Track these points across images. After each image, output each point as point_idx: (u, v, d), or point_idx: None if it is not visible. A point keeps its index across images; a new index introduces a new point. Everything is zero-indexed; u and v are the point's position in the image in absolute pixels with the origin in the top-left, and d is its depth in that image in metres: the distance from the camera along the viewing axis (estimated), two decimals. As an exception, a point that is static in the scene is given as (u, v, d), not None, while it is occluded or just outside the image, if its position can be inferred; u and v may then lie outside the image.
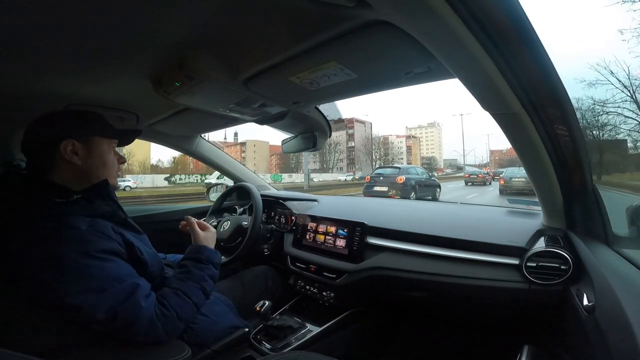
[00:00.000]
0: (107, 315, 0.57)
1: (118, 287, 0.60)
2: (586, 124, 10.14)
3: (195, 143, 1.53)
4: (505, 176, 11.29)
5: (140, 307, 0.61)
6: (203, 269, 0.77)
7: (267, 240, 1.35)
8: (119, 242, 0.64)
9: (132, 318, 0.59)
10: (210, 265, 0.79)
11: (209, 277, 0.77)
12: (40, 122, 0.68)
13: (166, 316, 0.64)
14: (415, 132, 78.19)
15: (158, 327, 0.62)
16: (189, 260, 0.80)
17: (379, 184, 8.31)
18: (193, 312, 0.71)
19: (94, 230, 0.61)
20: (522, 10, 0.44)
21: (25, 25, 0.55)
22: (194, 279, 0.74)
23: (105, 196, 0.68)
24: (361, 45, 0.59)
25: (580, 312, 0.62)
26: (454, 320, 1.21)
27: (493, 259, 0.88)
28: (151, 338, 0.63)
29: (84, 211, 0.63)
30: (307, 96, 0.90)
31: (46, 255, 0.56)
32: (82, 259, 0.57)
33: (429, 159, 73.33)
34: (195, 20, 0.57)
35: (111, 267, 0.61)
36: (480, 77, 0.55)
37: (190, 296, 0.70)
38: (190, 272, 0.76)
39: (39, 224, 0.58)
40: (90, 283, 0.57)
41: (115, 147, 0.78)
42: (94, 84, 0.85)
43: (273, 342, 1.01)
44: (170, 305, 0.66)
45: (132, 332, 0.60)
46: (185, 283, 0.72)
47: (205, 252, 0.82)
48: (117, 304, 0.58)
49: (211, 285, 0.78)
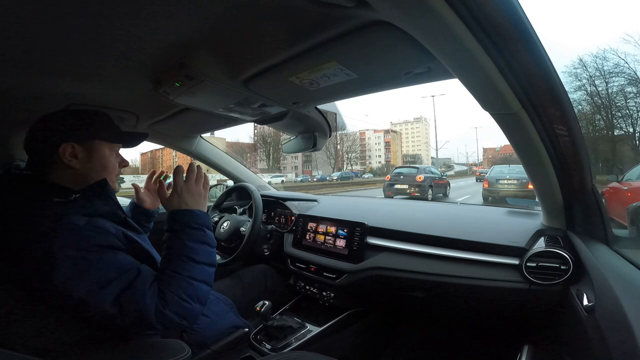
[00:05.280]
0: (114, 308, 0.56)
1: (121, 277, 0.58)
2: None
3: (195, 143, 1.53)
4: (490, 177, 8.02)
5: (144, 295, 0.58)
6: (178, 237, 0.66)
7: (267, 241, 1.35)
8: (119, 238, 0.63)
9: (138, 307, 0.58)
10: (184, 229, 0.67)
11: (191, 241, 0.66)
12: (42, 122, 0.67)
13: (166, 300, 0.60)
14: (401, 127, 71.17)
15: (165, 313, 0.60)
16: (166, 231, 0.69)
17: (399, 182, 8.93)
18: (193, 287, 0.64)
19: (92, 227, 0.60)
20: (521, 10, 0.44)
21: (26, 26, 0.55)
22: (174, 252, 0.65)
23: (104, 196, 0.67)
24: (361, 45, 0.59)
25: (580, 312, 0.62)
26: (453, 320, 1.21)
27: (493, 259, 0.88)
28: (169, 324, 0.60)
29: (83, 210, 0.62)
30: (307, 96, 0.90)
31: (45, 252, 0.55)
32: (81, 253, 0.56)
33: (412, 156, 62.71)
34: (195, 20, 0.57)
35: (111, 260, 0.59)
36: (480, 77, 0.54)
37: (179, 271, 0.63)
38: (168, 245, 0.67)
39: (36, 223, 0.58)
40: (91, 276, 0.56)
41: (119, 150, 0.77)
42: (94, 84, 0.85)
43: (273, 342, 1.01)
44: (164, 288, 0.61)
45: (147, 319, 0.58)
46: (169, 260, 0.65)
47: (174, 215, 0.69)
48: (121, 291, 0.57)
49: (202, 250, 0.67)
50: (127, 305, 0.57)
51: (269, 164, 41.23)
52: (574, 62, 18.34)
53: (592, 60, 16.91)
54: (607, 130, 16.53)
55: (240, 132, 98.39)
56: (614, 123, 16.29)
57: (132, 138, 0.81)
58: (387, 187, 9.16)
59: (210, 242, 0.70)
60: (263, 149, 42.31)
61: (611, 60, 16.27)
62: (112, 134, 0.74)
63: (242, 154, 40.67)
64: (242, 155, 39.84)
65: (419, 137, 71.28)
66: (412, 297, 1.01)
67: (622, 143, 16.17)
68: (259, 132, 41.08)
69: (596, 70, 16.69)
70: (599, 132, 16.70)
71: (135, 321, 0.59)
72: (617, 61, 16.21)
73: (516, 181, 7.28)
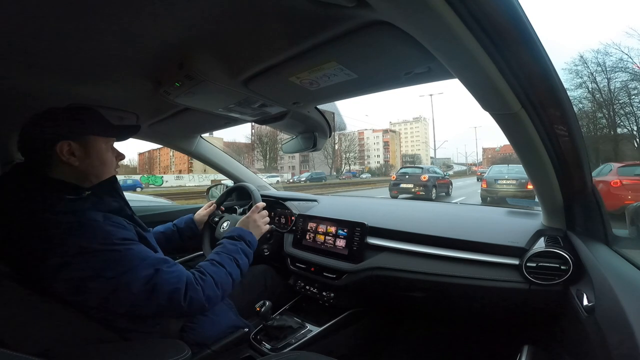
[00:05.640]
0: (146, 287, 0.61)
1: (148, 261, 0.63)
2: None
3: (195, 143, 1.53)
4: (489, 178, 7.79)
5: (177, 271, 0.67)
6: (235, 244, 0.86)
7: (267, 241, 1.35)
8: (133, 232, 0.67)
9: (172, 284, 0.64)
10: (242, 241, 0.88)
11: (242, 252, 0.85)
12: (35, 122, 0.67)
13: (204, 280, 0.71)
14: (400, 127, 70.97)
15: (198, 290, 0.68)
16: (224, 238, 0.89)
17: (405, 181, 9.33)
18: (227, 280, 0.76)
19: (111, 222, 0.63)
20: (521, 10, 0.44)
21: (26, 26, 0.55)
22: (227, 252, 0.83)
23: (113, 192, 0.70)
24: (361, 45, 0.59)
25: (580, 312, 0.62)
26: (453, 320, 1.21)
27: (493, 259, 0.88)
28: (195, 304, 0.67)
29: (95, 207, 0.64)
30: (307, 96, 0.90)
31: (72, 249, 0.57)
32: (107, 247, 0.59)
33: (412, 156, 62.73)
34: (195, 20, 0.57)
35: (136, 250, 0.63)
36: (480, 77, 0.54)
37: (224, 265, 0.78)
38: (224, 246, 0.85)
39: (54, 221, 0.58)
40: (119, 267, 0.59)
41: (114, 144, 0.78)
42: (94, 84, 0.85)
43: (273, 342, 1.01)
44: (206, 271, 0.73)
45: (176, 299, 0.64)
46: (219, 255, 0.81)
47: (238, 230, 0.93)
48: (153, 274, 0.62)
49: (244, 260, 0.85)
50: (160, 287, 0.62)
51: (265, 164, 41.53)
52: (575, 58, 17.81)
53: (594, 55, 16.43)
54: (609, 128, 16.00)
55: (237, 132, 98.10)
56: (616, 121, 15.79)
57: (124, 131, 0.82)
58: (393, 186, 9.50)
59: (250, 258, 0.89)
60: (260, 149, 42.24)
61: (614, 55, 15.83)
62: (105, 129, 0.74)
63: (240, 154, 40.52)
64: (239, 155, 39.85)
65: (418, 137, 71.10)
66: (412, 297, 1.01)
67: (624, 142, 15.67)
68: (256, 132, 40.83)
69: (598, 66, 16.20)
70: (600, 131, 16.16)
71: (164, 305, 0.63)
72: (620, 56, 15.75)
73: (515, 181, 7.13)
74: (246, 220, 0.99)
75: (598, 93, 16.15)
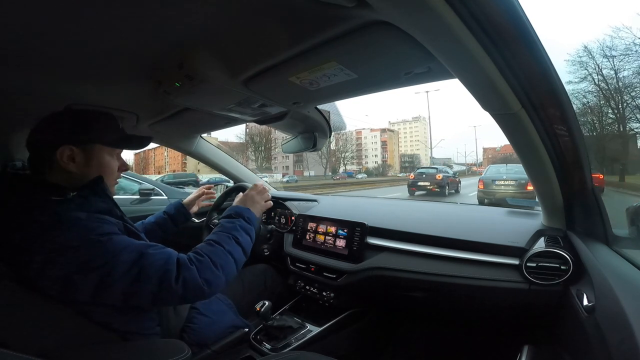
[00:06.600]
0: (131, 271, 0.58)
1: (132, 247, 0.61)
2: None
3: (195, 143, 1.53)
4: (486, 178, 7.34)
5: (165, 252, 0.63)
6: (233, 222, 0.80)
7: (267, 241, 1.35)
8: (120, 228, 0.64)
9: (159, 265, 0.60)
10: (239, 218, 0.81)
11: (241, 228, 0.79)
12: (44, 122, 0.67)
13: (200, 261, 0.65)
14: (399, 127, 70.39)
15: (192, 269, 0.63)
16: (222, 218, 0.83)
17: (422, 180, 10.86)
18: (228, 260, 0.71)
19: (94, 218, 0.61)
20: (521, 10, 0.44)
21: (26, 26, 0.55)
22: (224, 230, 0.77)
23: (100, 193, 0.67)
24: (361, 45, 0.59)
25: (580, 312, 0.62)
26: (453, 320, 1.21)
27: (493, 259, 0.88)
28: (190, 285, 0.62)
29: (81, 207, 0.62)
30: (307, 96, 0.90)
31: (53, 246, 0.56)
32: (88, 241, 0.58)
33: (410, 156, 63.04)
34: (195, 20, 0.57)
35: (118, 239, 0.61)
36: (480, 77, 0.55)
37: (222, 244, 0.72)
38: (222, 225, 0.79)
39: (37, 220, 0.58)
40: (101, 257, 0.57)
41: (121, 153, 0.77)
42: (94, 84, 0.85)
43: (273, 342, 1.01)
44: (203, 252, 0.68)
45: (167, 282, 0.60)
46: (216, 234, 0.75)
47: (235, 208, 0.86)
48: (137, 258, 0.59)
49: (245, 237, 0.78)
50: (146, 270, 0.59)
51: (257, 164, 40.65)
52: (579, 50, 15.57)
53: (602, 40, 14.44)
54: (618, 123, 13.61)
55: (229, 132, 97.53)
56: (625, 115, 13.41)
57: (137, 142, 0.80)
58: (412, 184, 10.97)
59: (252, 235, 0.81)
60: (252, 149, 41.37)
61: (625, 39, 13.69)
62: (114, 138, 0.73)
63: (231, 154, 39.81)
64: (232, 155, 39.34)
65: (417, 137, 70.28)
66: (412, 297, 1.01)
67: (635, 138, 13.20)
68: (249, 132, 40.22)
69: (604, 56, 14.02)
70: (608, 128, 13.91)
71: (156, 291, 0.60)
72: (632, 39, 13.53)
73: (514, 182, 6.75)
74: (244, 198, 0.91)
75: (604, 83, 14.04)
